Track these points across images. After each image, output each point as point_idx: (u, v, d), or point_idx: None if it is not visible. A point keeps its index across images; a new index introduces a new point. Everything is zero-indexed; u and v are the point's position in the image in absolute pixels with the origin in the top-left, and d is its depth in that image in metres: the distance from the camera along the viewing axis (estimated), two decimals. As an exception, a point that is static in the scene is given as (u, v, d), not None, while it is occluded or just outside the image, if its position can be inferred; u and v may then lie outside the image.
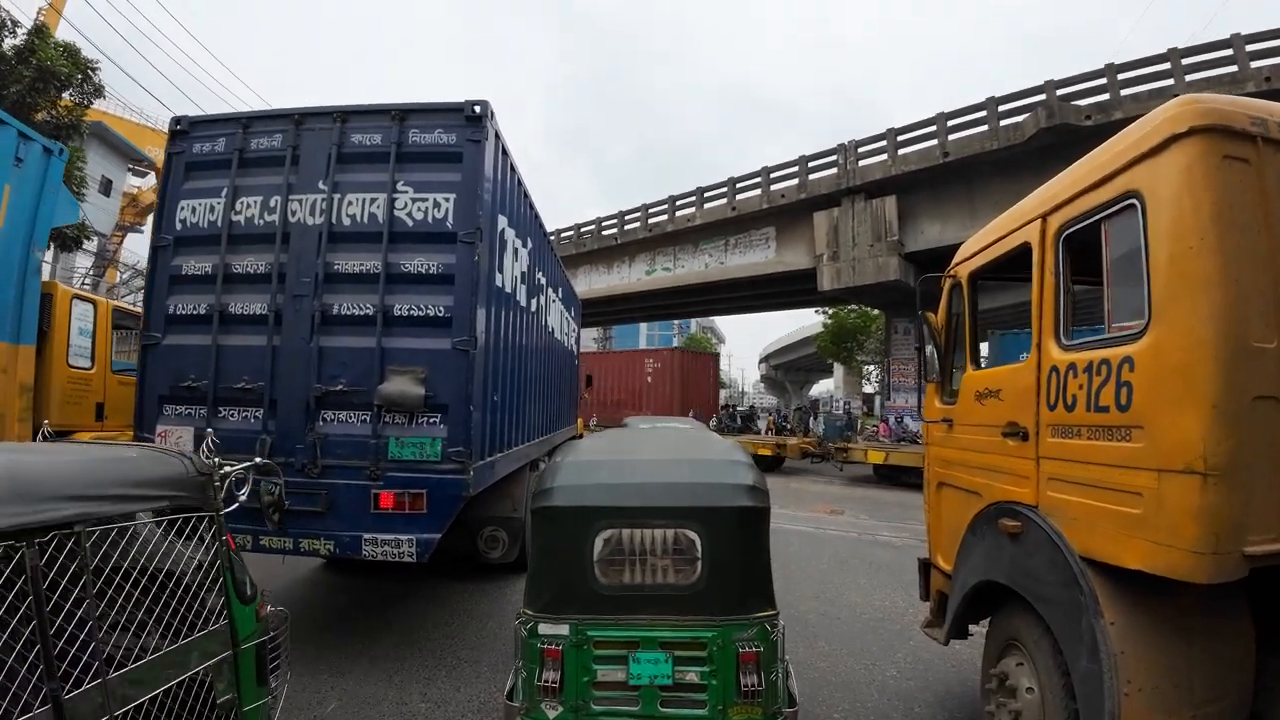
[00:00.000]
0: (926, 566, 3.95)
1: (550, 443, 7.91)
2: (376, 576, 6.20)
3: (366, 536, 4.16)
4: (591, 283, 26.95)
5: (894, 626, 5.32)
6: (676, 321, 63.37)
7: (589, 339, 42.89)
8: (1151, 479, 2.00)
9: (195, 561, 1.97)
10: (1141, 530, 2.03)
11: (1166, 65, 14.30)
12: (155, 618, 1.79)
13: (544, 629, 2.65)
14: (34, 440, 3.61)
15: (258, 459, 2.81)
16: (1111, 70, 14.84)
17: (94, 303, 6.74)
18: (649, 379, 21.80)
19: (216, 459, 2.21)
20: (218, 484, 2.14)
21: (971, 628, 3.32)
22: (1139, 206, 2.16)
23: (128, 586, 1.71)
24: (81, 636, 1.54)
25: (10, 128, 5.30)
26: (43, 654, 1.45)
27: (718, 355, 26.46)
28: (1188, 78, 13.93)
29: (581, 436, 12.90)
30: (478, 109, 4.50)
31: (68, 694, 1.48)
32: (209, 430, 3.34)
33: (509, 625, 4.93)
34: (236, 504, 2.35)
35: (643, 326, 67.13)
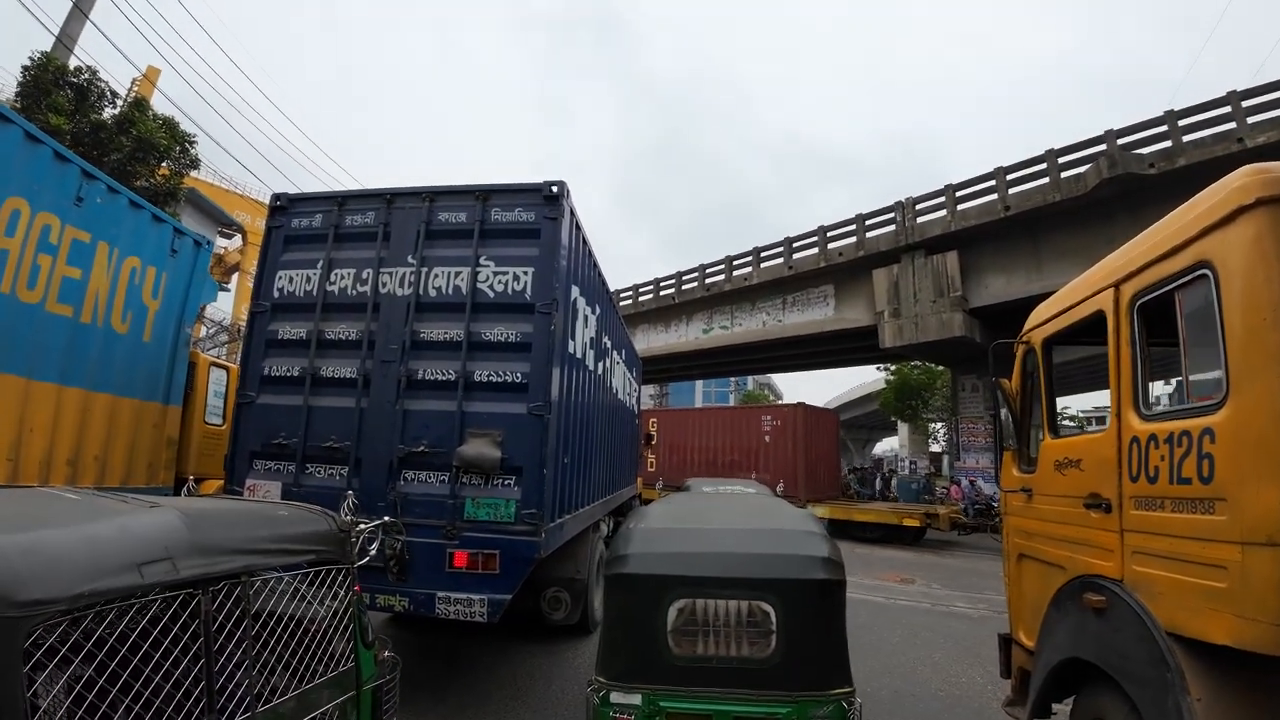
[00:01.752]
0: (1007, 642, 3.79)
1: (612, 503, 7.95)
2: (440, 633, 6.29)
3: (440, 595, 4.27)
4: (649, 341, 27.31)
5: (972, 705, 5.04)
6: (733, 379, 63.03)
7: (645, 395, 43.02)
8: (1235, 552, 1.97)
9: (331, 609, 2.17)
10: (1227, 604, 1.99)
11: (1227, 109, 13.94)
12: (296, 658, 1.98)
13: (616, 698, 2.68)
14: (179, 493, 4.03)
15: (386, 518, 3.02)
16: (1172, 116, 14.55)
17: (227, 369, 7.50)
18: (767, 438, 19.09)
19: (351, 517, 2.42)
20: (353, 540, 2.35)
21: (1055, 706, 3.17)
22: (1211, 277, 2.17)
23: (277, 630, 1.92)
24: (238, 674, 1.73)
25: (167, 225, 6.13)
26: (206, 688, 1.65)
27: (837, 412, 23.62)
28: (1249, 119, 13.52)
29: (640, 496, 12.81)
30: (555, 189, 4.80)
31: None
32: (349, 492, 3.59)
33: (572, 690, 4.91)
34: (367, 557, 2.54)
35: (699, 384, 66.95)
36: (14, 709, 1.25)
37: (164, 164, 11.26)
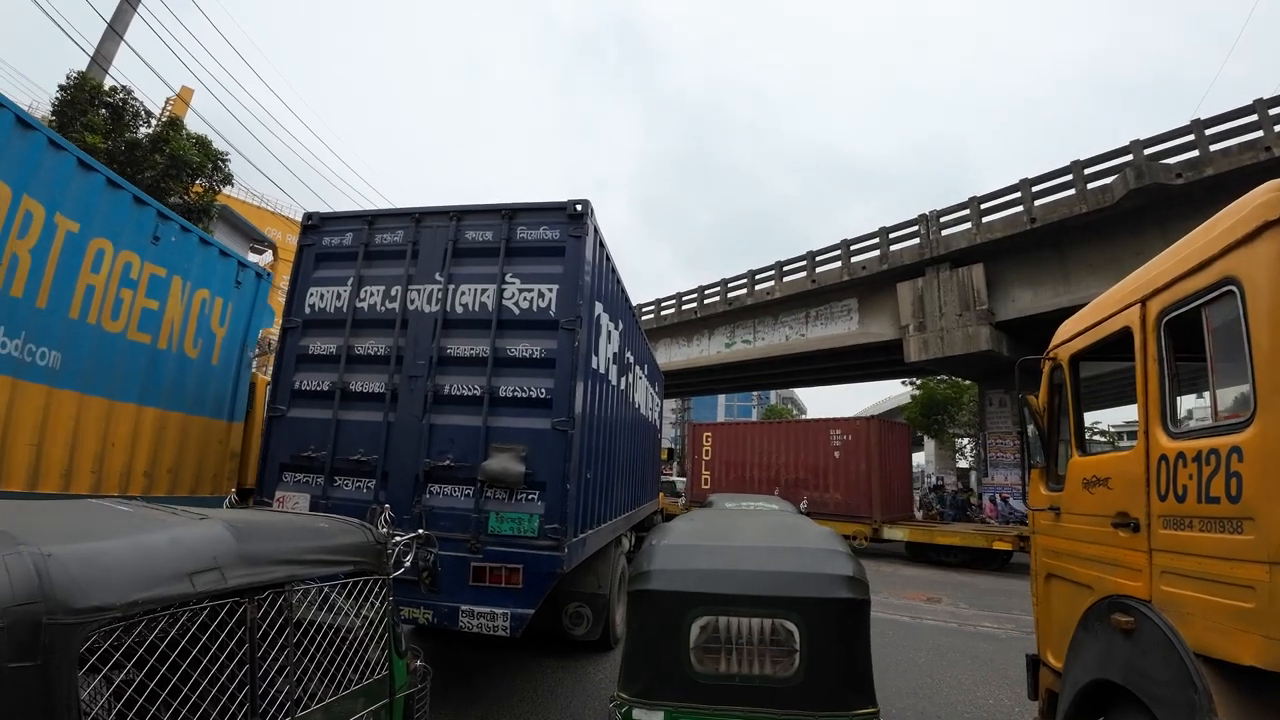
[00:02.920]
0: (1035, 663, 3.75)
1: (634, 518, 7.95)
2: (462, 647, 6.33)
3: (464, 608, 4.33)
4: (671, 355, 27.33)
5: (1001, 728, 4.95)
6: (755, 393, 62.70)
7: (667, 409, 42.94)
8: (1263, 572, 1.94)
9: (367, 619, 2.23)
10: (1255, 625, 1.96)
11: (1254, 117, 13.74)
12: (334, 666, 2.04)
13: (638, 714, 2.69)
14: (223, 506, 4.21)
15: (420, 531, 3.10)
16: (1199, 125, 14.35)
17: None
18: (836, 454, 17.45)
19: (388, 530, 2.49)
20: (389, 552, 2.42)
21: None
22: (1238, 293, 2.16)
23: (317, 638, 1.98)
24: (279, 680, 1.80)
25: (232, 259, 6.70)
26: (250, 694, 1.70)
27: (909, 425, 21.45)
28: (1277, 128, 13.30)
29: (663, 511, 12.70)
30: (579, 207, 4.89)
31: None
32: (386, 505, 3.77)
33: (593, 706, 4.91)
34: (402, 569, 2.60)
35: (721, 398, 66.70)
36: (68, 712, 1.30)
37: (197, 181, 11.55)
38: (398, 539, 2.56)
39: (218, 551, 1.69)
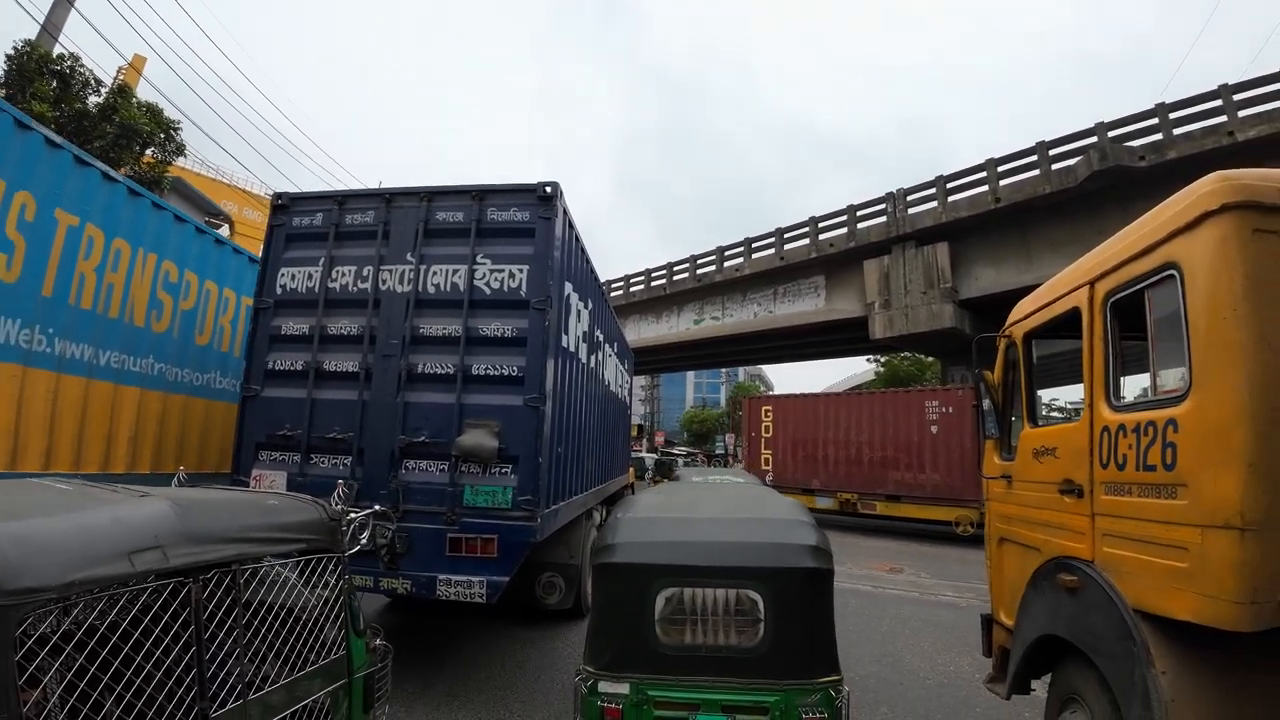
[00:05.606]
0: (989, 622, 3.94)
1: (605, 492, 8.03)
2: (433, 621, 6.37)
3: (441, 577, 4.41)
4: (641, 332, 27.33)
5: (959, 692, 5.14)
6: (724, 370, 63.22)
7: (637, 386, 43.09)
8: (1195, 534, 2.09)
9: (322, 598, 2.19)
10: (1188, 583, 2.11)
11: (1219, 102, 14.07)
12: (287, 646, 2.01)
13: (604, 687, 2.70)
14: (172, 485, 4.20)
15: (376, 506, 3.05)
16: (1163, 109, 14.66)
17: None
18: (933, 429, 15.18)
19: (342, 506, 2.44)
20: (344, 529, 2.38)
21: (1034, 683, 3.30)
22: (1178, 277, 2.27)
23: (269, 618, 1.93)
24: (229, 663, 1.77)
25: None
26: (198, 676, 1.66)
27: None
28: (1240, 113, 13.67)
29: (633, 486, 12.69)
30: (549, 189, 4.89)
31: (214, 712, 1.70)
32: (340, 481, 3.67)
33: (562, 679, 4.96)
34: (359, 546, 2.56)
35: (690, 375, 67.09)
36: (6, 696, 1.26)
37: (149, 151, 11.16)
38: (353, 515, 2.51)
39: (160, 530, 1.63)
